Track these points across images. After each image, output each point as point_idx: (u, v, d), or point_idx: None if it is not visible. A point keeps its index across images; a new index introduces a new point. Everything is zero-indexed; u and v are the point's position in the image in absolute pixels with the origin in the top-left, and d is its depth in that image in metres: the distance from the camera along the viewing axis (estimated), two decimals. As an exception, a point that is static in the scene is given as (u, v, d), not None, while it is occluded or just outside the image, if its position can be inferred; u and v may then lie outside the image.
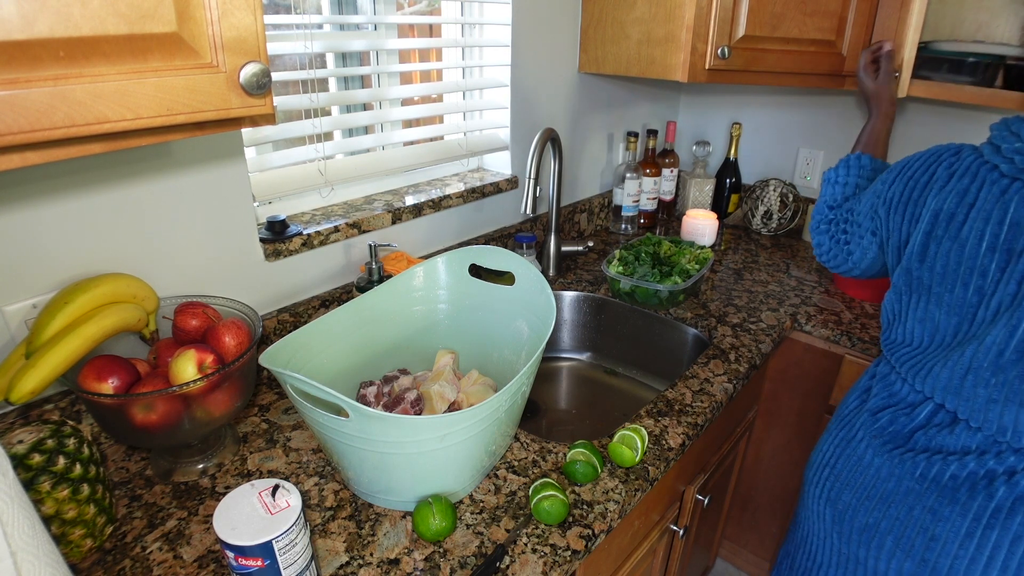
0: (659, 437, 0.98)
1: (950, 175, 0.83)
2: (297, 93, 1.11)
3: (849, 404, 0.98)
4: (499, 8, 1.37)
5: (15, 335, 0.82)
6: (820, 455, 0.99)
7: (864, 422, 0.92)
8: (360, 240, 1.21)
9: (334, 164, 1.21)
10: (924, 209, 0.84)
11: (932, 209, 0.83)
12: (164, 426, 0.79)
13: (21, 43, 0.46)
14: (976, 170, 0.80)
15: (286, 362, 0.82)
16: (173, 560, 0.74)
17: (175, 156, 0.92)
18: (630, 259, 1.43)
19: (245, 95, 0.59)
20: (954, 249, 0.80)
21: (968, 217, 0.79)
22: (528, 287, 0.99)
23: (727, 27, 1.32)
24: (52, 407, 0.86)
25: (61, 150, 0.52)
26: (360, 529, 0.80)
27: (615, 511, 0.84)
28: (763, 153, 1.96)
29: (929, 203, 0.84)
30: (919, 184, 0.87)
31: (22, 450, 0.68)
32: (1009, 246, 0.74)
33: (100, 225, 0.86)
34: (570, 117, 1.63)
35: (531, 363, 0.81)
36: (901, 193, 0.89)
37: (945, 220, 0.81)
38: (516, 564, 0.75)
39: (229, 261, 1.03)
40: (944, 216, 0.81)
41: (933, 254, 0.82)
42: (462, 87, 1.38)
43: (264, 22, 0.59)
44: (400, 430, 0.72)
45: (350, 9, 1.31)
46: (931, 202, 0.84)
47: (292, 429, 0.98)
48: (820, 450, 1.00)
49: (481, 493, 0.86)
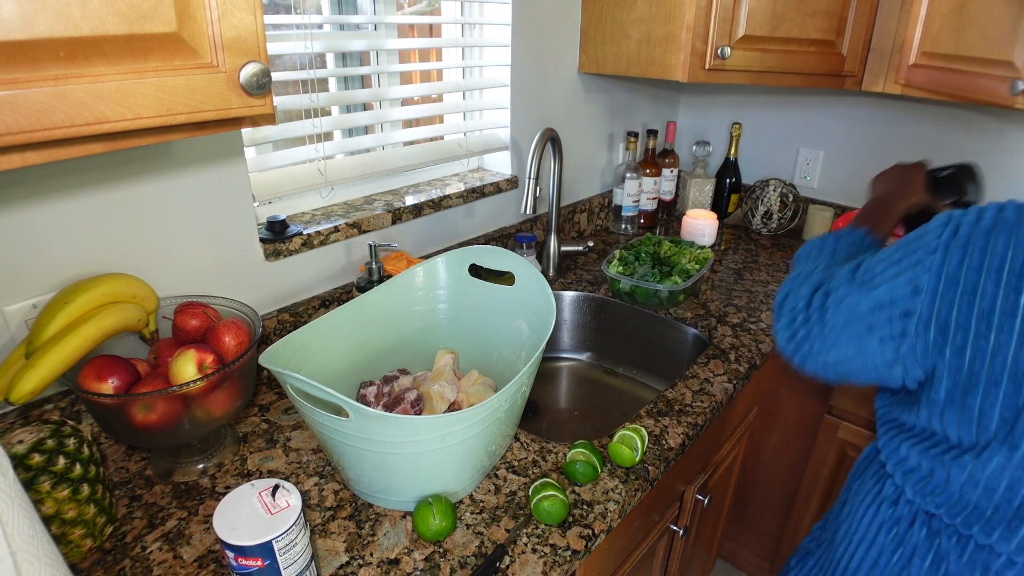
0: (659, 437, 0.98)
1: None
2: (297, 93, 1.11)
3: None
4: (499, 8, 1.37)
5: (15, 335, 0.82)
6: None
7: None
8: (360, 240, 1.21)
9: (334, 164, 1.21)
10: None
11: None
12: (164, 426, 0.79)
13: (21, 43, 0.46)
14: None
15: (286, 362, 0.82)
16: (173, 560, 0.74)
17: (175, 156, 0.92)
18: (630, 259, 1.43)
19: (245, 95, 0.59)
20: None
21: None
22: (528, 287, 0.99)
23: (727, 27, 1.32)
24: (52, 407, 0.86)
25: (61, 150, 0.52)
26: (360, 529, 0.80)
27: (615, 511, 0.84)
28: (763, 153, 1.96)
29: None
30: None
31: (22, 450, 0.68)
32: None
33: (100, 225, 0.86)
34: (570, 117, 1.63)
35: (531, 363, 0.81)
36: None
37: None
38: (516, 564, 0.75)
39: (229, 261, 1.03)
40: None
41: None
42: (462, 87, 1.38)
43: (264, 22, 0.59)
44: (400, 430, 0.72)
45: (350, 9, 1.31)
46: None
47: (292, 429, 0.98)
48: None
49: (481, 493, 0.86)
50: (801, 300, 0.78)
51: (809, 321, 0.75)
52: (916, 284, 0.59)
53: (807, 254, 0.89)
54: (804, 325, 0.76)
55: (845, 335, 0.69)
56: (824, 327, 0.72)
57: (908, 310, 0.60)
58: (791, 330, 0.78)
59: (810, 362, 0.75)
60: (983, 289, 0.55)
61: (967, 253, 0.57)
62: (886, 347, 0.62)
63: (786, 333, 0.78)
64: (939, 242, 0.60)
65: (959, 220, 0.61)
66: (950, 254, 0.58)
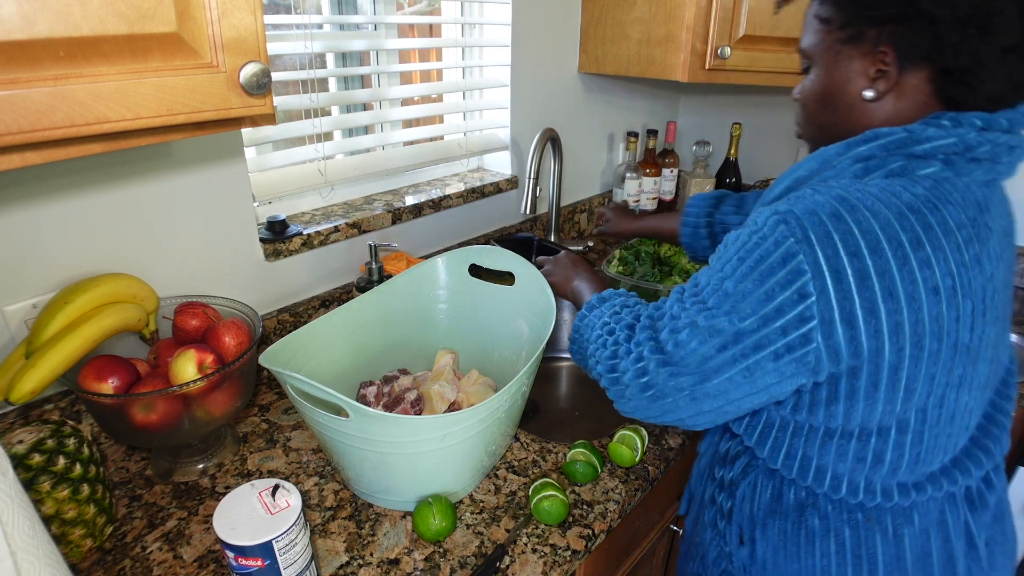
0: (659, 437, 0.98)
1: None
2: (297, 93, 1.11)
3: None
4: (499, 8, 1.37)
5: (15, 335, 0.82)
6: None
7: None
8: (360, 240, 1.21)
9: (334, 164, 1.21)
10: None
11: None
12: (164, 426, 0.79)
13: (21, 43, 0.46)
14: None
15: (286, 362, 0.82)
16: (173, 560, 0.74)
17: (175, 156, 0.92)
18: (630, 259, 1.43)
19: (245, 95, 0.59)
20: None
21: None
22: (528, 287, 0.99)
23: (727, 27, 1.32)
24: (52, 407, 0.86)
25: (61, 150, 0.52)
26: (360, 529, 0.80)
27: (615, 511, 0.84)
28: (763, 153, 1.96)
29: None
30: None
31: (22, 450, 0.68)
32: None
33: (100, 225, 0.86)
34: (570, 117, 1.63)
35: (531, 363, 0.81)
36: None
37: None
38: (516, 564, 0.75)
39: (229, 261, 1.03)
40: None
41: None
42: (462, 87, 1.38)
43: (264, 22, 0.59)
44: (400, 430, 0.72)
45: (350, 9, 1.31)
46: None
47: (292, 429, 0.98)
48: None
49: (481, 493, 0.86)
50: (632, 349, 0.68)
51: (667, 359, 0.64)
52: (800, 289, 0.56)
53: (580, 351, 0.81)
54: (662, 367, 0.64)
55: (721, 360, 0.61)
56: (686, 360, 0.62)
57: (803, 316, 0.56)
58: (642, 378, 0.66)
59: (682, 403, 0.65)
60: (874, 269, 0.55)
61: (836, 242, 0.55)
62: (783, 360, 0.59)
63: (637, 382, 0.67)
64: (794, 243, 0.56)
65: (795, 216, 0.57)
66: (820, 248, 0.56)
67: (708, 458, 0.84)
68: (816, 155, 0.65)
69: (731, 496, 0.76)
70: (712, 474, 0.81)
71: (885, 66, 0.62)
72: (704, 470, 0.85)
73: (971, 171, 0.61)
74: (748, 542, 0.74)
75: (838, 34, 0.65)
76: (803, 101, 0.72)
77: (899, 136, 0.60)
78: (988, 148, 0.59)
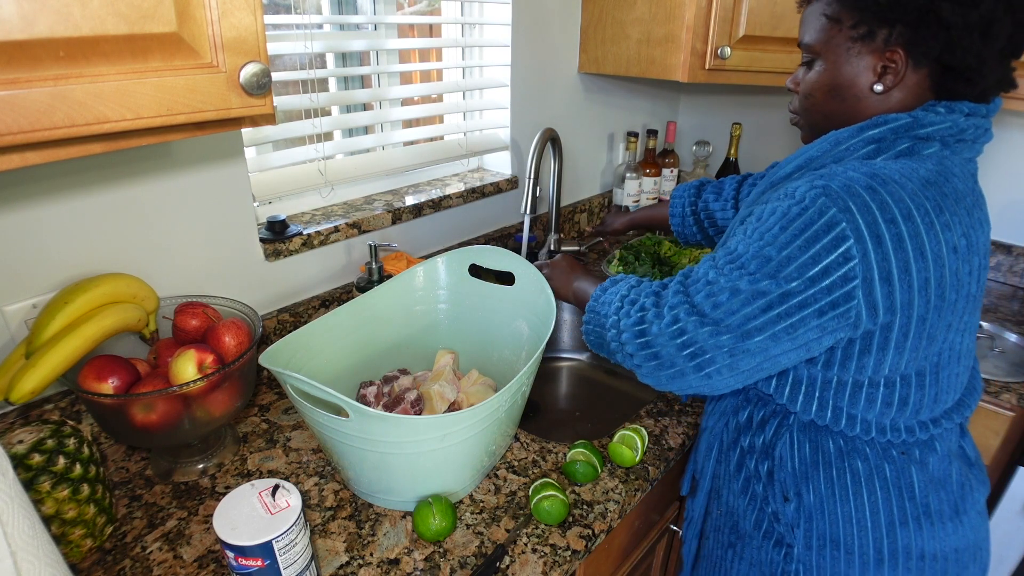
0: (659, 437, 0.98)
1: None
2: (297, 93, 1.11)
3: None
4: (499, 8, 1.37)
5: (15, 335, 0.82)
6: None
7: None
8: (360, 240, 1.21)
9: (334, 164, 1.21)
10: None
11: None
12: (164, 426, 0.79)
13: (21, 43, 0.46)
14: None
15: (286, 362, 0.82)
16: (173, 560, 0.74)
17: (175, 156, 0.92)
18: (630, 259, 1.43)
19: (245, 95, 0.59)
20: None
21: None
22: (528, 287, 0.99)
23: (727, 27, 1.32)
24: (52, 407, 0.86)
25: (61, 150, 0.52)
26: (360, 529, 0.80)
27: (615, 511, 0.84)
28: (763, 153, 1.96)
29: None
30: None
31: (22, 450, 0.68)
32: None
33: (100, 225, 0.86)
34: (570, 117, 1.63)
35: (531, 363, 0.81)
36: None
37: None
38: (516, 564, 0.75)
39: (229, 261, 1.03)
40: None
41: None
42: (462, 87, 1.38)
43: (264, 22, 0.59)
44: (400, 430, 0.72)
45: (350, 9, 1.31)
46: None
47: (292, 429, 0.98)
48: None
49: (481, 493, 0.86)
50: (673, 313, 0.71)
51: (706, 320, 0.68)
52: (844, 252, 0.62)
53: (598, 337, 0.84)
54: (702, 327, 0.68)
55: (765, 320, 0.66)
56: (726, 320, 0.67)
57: (847, 276, 0.63)
58: (679, 338, 0.70)
59: (719, 360, 0.69)
60: (907, 233, 0.63)
61: (874, 211, 0.63)
62: (827, 316, 0.65)
63: (673, 342, 0.70)
64: (836, 212, 0.63)
65: (833, 190, 0.63)
66: (860, 216, 0.62)
67: (723, 431, 0.86)
68: (827, 137, 0.73)
69: (768, 457, 0.80)
70: (736, 444, 0.84)
71: (894, 63, 0.68)
72: (718, 444, 0.87)
73: (961, 151, 0.71)
74: (794, 497, 0.78)
75: (849, 32, 0.70)
76: (807, 91, 0.77)
77: (905, 121, 0.68)
78: (972, 131, 0.69)
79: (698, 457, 0.92)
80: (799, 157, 0.75)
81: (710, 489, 0.90)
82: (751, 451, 0.82)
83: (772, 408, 0.80)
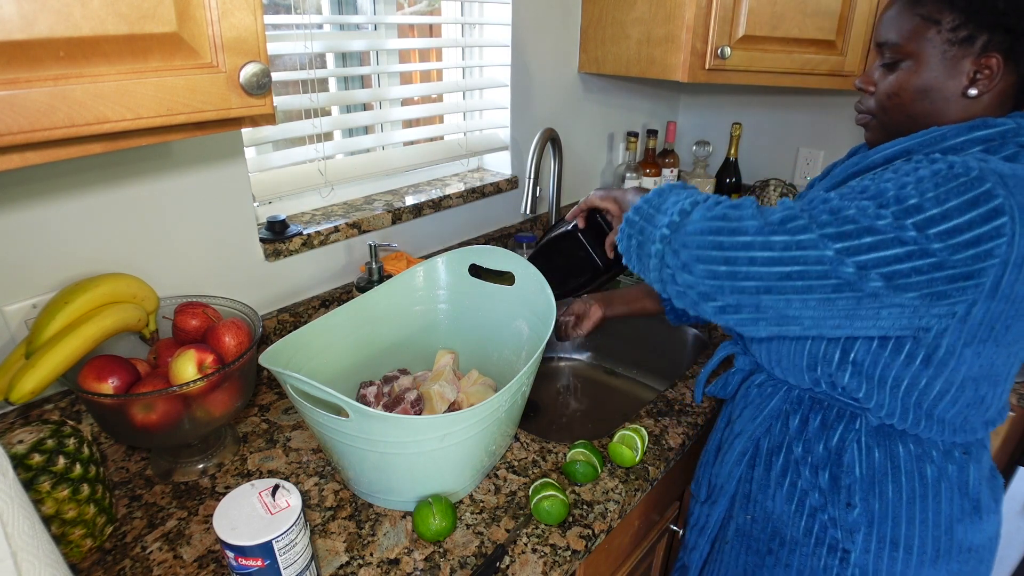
0: (659, 437, 0.98)
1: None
2: (297, 93, 1.11)
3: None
4: (499, 8, 1.37)
5: (15, 335, 0.82)
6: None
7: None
8: (360, 240, 1.21)
9: (334, 164, 1.21)
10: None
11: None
12: (164, 426, 0.79)
13: (21, 43, 0.46)
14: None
15: (286, 362, 0.82)
16: (173, 560, 0.74)
17: (175, 156, 0.92)
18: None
19: (245, 95, 0.59)
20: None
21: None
22: (528, 287, 0.99)
23: (727, 27, 1.32)
24: (52, 407, 0.86)
25: (61, 150, 0.52)
26: (360, 529, 0.80)
27: (615, 511, 0.84)
28: (763, 153, 1.96)
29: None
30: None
31: (22, 450, 0.68)
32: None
33: (100, 225, 0.86)
34: (570, 117, 1.63)
35: (531, 363, 0.81)
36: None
37: None
38: (516, 564, 0.75)
39: (229, 261, 1.03)
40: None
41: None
42: (462, 87, 1.38)
43: (264, 22, 0.59)
44: (400, 430, 0.72)
45: (350, 9, 1.31)
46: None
47: (292, 429, 0.98)
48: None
49: (481, 493, 0.86)
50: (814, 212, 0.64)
51: (832, 237, 0.62)
52: (997, 228, 0.60)
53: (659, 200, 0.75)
54: (827, 241, 0.62)
55: (892, 271, 0.63)
56: (862, 258, 0.61)
57: (991, 252, 0.61)
58: (790, 252, 0.63)
59: (824, 302, 0.63)
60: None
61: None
62: (955, 284, 0.62)
63: (775, 267, 0.63)
64: (993, 185, 0.60)
65: (987, 167, 0.62)
66: (1015, 195, 0.61)
67: (763, 436, 0.85)
68: (928, 132, 0.70)
69: (830, 464, 0.78)
70: (781, 449, 0.82)
71: (989, 68, 0.68)
72: (754, 449, 0.86)
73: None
74: (860, 503, 0.77)
75: (948, 35, 0.69)
76: (891, 91, 0.74)
77: (1010, 127, 0.67)
78: None
79: (723, 462, 0.90)
80: (890, 147, 0.72)
81: (734, 494, 0.88)
82: (806, 457, 0.80)
83: (835, 412, 0.78)
